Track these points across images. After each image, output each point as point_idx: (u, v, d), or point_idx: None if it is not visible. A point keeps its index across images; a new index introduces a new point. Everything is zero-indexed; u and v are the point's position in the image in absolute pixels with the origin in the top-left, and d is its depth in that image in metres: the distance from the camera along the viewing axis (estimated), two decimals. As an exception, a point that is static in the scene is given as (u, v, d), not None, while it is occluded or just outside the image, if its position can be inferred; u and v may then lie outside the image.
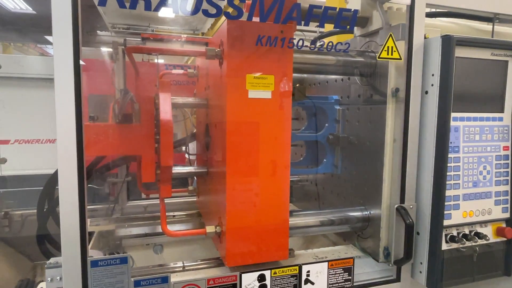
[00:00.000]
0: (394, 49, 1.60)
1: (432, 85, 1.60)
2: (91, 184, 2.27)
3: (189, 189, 2.30)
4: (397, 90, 1.65)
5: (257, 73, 1.49)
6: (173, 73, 2.39)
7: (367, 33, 1.87)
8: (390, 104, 1.67)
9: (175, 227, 2.32)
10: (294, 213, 1.78)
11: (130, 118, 1.67)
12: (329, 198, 2.18)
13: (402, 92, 1.64)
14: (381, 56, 1.59)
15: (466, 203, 1.68)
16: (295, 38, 1.52)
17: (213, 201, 1.83)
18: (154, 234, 2.27)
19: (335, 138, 2.01)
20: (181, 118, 2.61)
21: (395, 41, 1.59)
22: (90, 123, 1.71)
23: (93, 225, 2.22)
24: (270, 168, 1.55)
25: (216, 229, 1.62)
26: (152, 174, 1.72)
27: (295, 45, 1.52)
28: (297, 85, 1.83)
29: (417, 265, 1.70)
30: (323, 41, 2.24)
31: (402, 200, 1.66)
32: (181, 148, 2.41)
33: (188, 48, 2.04)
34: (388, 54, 1.60)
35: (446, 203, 1.61)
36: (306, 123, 2.15)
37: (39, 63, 3.84)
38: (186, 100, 1.98)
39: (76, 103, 1.23)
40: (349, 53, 1.84)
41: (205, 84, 1.95)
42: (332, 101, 2.04)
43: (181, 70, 2.41)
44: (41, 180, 2.10)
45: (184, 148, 2.37)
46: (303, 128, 2.14)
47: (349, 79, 2.00)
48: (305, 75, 2.32)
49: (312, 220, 1.80)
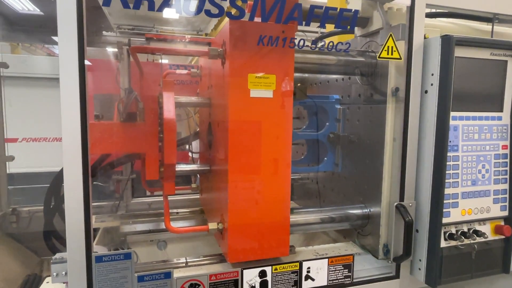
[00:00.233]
0: (394, 49, 1.61)
1: (431, 84, 1.61)
2: (96, 182, 2.31)
3: (192, 187, 2.32)
4: (397, 89, 1.66)
5: (259, 72, 1.50)
6: (177, 73, 2.42)
7: (367, 33, 1.88)
8: (390, 103, 1.68)
9: (178, 223, 2.35)
10: (295, 211, 1.79)
11: (135, 116, 1.69)
12: (330, 196, 2.20)
13: (402, 91, 1.65)
14: (381, 56, 1.60)
15: (465, 201, 1.68)
16: (296, 38, 1.54)
17: (215, 198, 1.85)
18: (158, 231, 2.30)
19: (335, 137, 2.03)
20: (184, 117, 2.65)
21: (395, 41, 1.60)
22: (95, 121, 1.73)
23: (99, 221, 2.25)
24: (272, 166, 1.57)
25: (218, 226, 1.64)
26: (155, 171, 1.74)
27: (296, 45, 1.54)
28: (298, 84, 1.84)
29: (416, 262, 1.72)
30: (324, 41, 2.26)
31: (402, 198, 1.68)
32: (184, 146, 2.44)
33: (192, 48, 2.07)
34: (388, 54, 1.61)
35: (445, 201, 1.62)
36: (307, 122, 2.16)
37: (46, 63, 3.89)
38: (189, 99, 2.00)
39: (81, 102, 1.25)
40: (349, 53, 1.85)
41: (208, 84, 1.97)
42: (333, 100, 2.05)
43: (185, 70, 2.43)
44: (48, 177, 2.14)
45: (188, 147, 2.40)
46: (304, 127, 2.16)
47: (349, 78, 2.01)
48: (306, 74, 2.34)
49: (313, 217, 1.81)
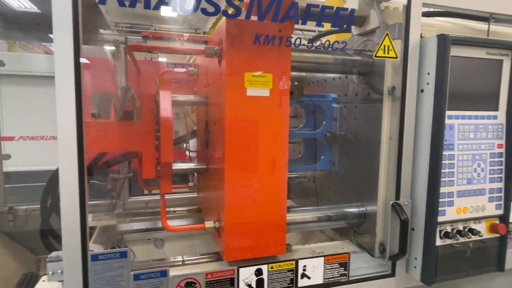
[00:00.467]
0: (391, 48, 1.61)
1: (427, 83, 1.62)
2: (93, 180, 2.30)
3: (190, 185, 2.32)
4: (393, 88, 1.66)
5: (256, 71, 1.50)
6: (174, 71, 2.42)
7: (364, 32, 1.88)
8: (387, 102, 1.68)
9: (175, 222, 2.35)
10: (291, 209, 1.80)
11: (131, 115, 1.69)
12: (327, 194, 2.20)
13: (398, 90, 1.65)
14: (377, 54, 1.60)
15: (460, 200, 1.69)
16: (293, 37, 1.54)
17: (212, 197, 1.86)
18: (155, 229, 2.30)
19: (332, 136, 2.03)
20: (182, 116, 2.64)
21: (392, 40, 1.60)
22: (91, 120, 1.73)
23: (96, 220, 2.25)
24: (268, 165, 1.57)
25: (215, 224, 1.64)
26: (152, 170, 1.74)
27: (293, 44, 1.54)
28: (295, 83, 1.85)
29: (411, 260, 1.72)
30: (320, 40, 2.26)
31: (398, 196, 1.68)
32: (182, 145, 2.44)
33: (189, 46, 2.06)
34: (384, 52, 1.61)
35: (441, 200, 1.63)
36: (305, 120, 2.17)
37: (43, 61, 3.88)
38: (186, 97, 1.99)
39: (76, 101, 1.25)
40: (346, 51, 1.86)
41: (205, 82, 1.97)
42: (330, 99, 2.06)
43: (182, 69, 2.43)
44: (44, 176, 2.13)
45: (185, 145, 2.40)
46: (301, 125, 2.16)
47: (346, 77, 2.01)
48: (304, 73, 2.35)
49: (309, 216, 1.82)
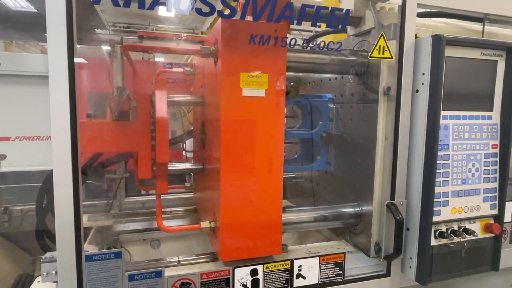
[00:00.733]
0: (386, 48, 1.62)
1: (422, 84, 1.62)
2: (89, 181, 2.30)
3: (186, 186, 2.32)
4: (388, 88, 1.67)
5: (251, 71, 1.50)
6: (171, 71, 2.41)
7: (360, 32, 1.89)
8: (382, 102, 1.69)
9: (172, 222, 2.35)
10: (287, 209, 1.80)
11: (127, 115, 1.68)
12: (323, 194, 2.20)
13: (394, 90, 1.66)
14: (372, 55, 1.61)
15: (455, 199, 1.70)
16: (288, 37, 1.54)
17: (208, 197, 1.86)
18: (151, 230, 2.30)
19: (328, 136, 2.03)
20: (179, 116, 2.64)
21: (387, 41, 1.61)
22: (85, 120, 1.72)
23: (91, 220, 2.25)
24: (264, 165, 1.57)
25: (210, 224, 1.64)
26: (148, 170, 1.74)
27: (288, 44, 1.54)
28: (291, 83, 1.85)
29: (407, 260, 1.73)
30: (315, 40, 2.27)
31: (393, 196, 1.69)
32: (179, 145, 2.43)
33: (185, 46, 2.06)
34: (379, 53, 1.61)
35: (436, 200, 1.63)
36: (301, 121, 2.17)
37: (38, 60, 3.86)
38: (182, 97, 1.99)
39: (70, 101, 1.25)
40: (342, 52, 1.86)
41: (201, 82, 1.97)
42: (326, 99, 2.06)
43: (179, 69, 2.42)
44: (40, 176, 2.12)
45: (182, 145, 2.40)
46: (298, 125, 2.16)
47: (342, 78, 2.01)
48: (300, 73, 2.35)
49: (305, 216, 1.82)
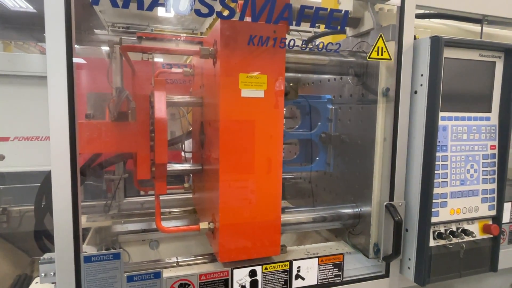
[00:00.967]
0: (384, 49, 1.62)
1: (421, 85, 1.62)
2: (88, 181, 2.30)
3: (185, 186, 2.32)
4: (387, 89, 1.67)
5: (250, 72, 1.50)
6: (170, 72, 2.41)
7: (359, 33, 1.89)
8: (381, 103, 1.69)
9: (171, 223, 2.35)
10: (286, 210, 1.80)
11: (126, 116, 1.68)
12: (322, 195, 2.21)
13: (392, 91, 1.66)
14: (371, 56, 1.61)
15: (454, 200, 1.70)
16: (287, 38, 1.54)
17: (207, 198, 1.85)
18: (150, 230, 2.30)
19: (327, 137, 2.03)
20: (179, 116, 2.64)
21: (385, 42, 1.61)
22: (84, 121, 1.72)
23: (90, 221, 2.25)
24: (263, 166, 1.57)
25: (209, 225, 1.64)
26: (147, 171, 1.73)
27: (287, 45, 1.54)
28: (290, 84, 1.85)
29: (405, 261, 1.73)
30: (314, 41, 2.27)
31: (391, 197, 1.69)
32: (178, 145, 2.43)
33: (184, 47, 2.06)
34: (378, 54, 1.62)
35: (434, 201, 1.64)
36: (300, 121, 2.17)
37: (37, 61, 3.86)
38: (181, 98, 1.99)
39: (69, 101, 1.24)
40: (341, 53, 1.86)
41: (200, 83, 1.97)
42: (325, 100, 2.06)
43: (179, 69, 2.42)
44: (39, 176, 2.12)
45: (181, 146, 2.39)
46: (297, 126, 2.16)
47: (341, 79, 2.02)
48: (299, 74, 2.35)
49: (304, 217, 1.82)
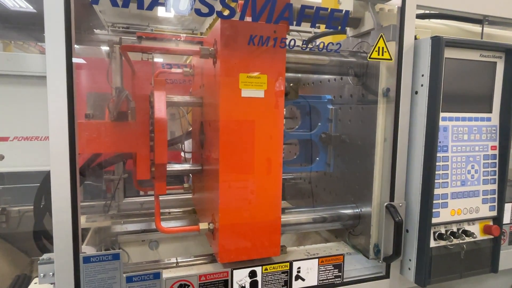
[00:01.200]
0: (385, 49, 1.61)
1: (421, 85, 1.62)
2: (88, 181, 2.29)
3: (185, 187, 2.31)
4: (388, 90, 1.67)
5: (250, 72, 1.50)
6: (169, 72, 2.40)
7: (359, 33, 1.88)
8: (381, 104, 1.68)
9: (170, 223, 2.35)
10: (286, 211, 1.80)
11: (125, 116, 1.68)
12: (322, 195, 2.20)
13: (393, 92, 1.65)
14: (371, 56, 1.61)
15: (454, 201, 1.69)
16: (287, 38, 1.54)
17: (207, 198, 1.85)
18: (150, 231, 2.30)
19: (327, 137, 2.03)
20: (179, 116, 2.64)
21: (386, 42, 1.60)
22: (83, 121, 1.71)
23: (89, 221, 2.24)
24: (263, 166, 1.56)
25: (209, 226, 1.63)
26: (146, 171, 1.73)
27: (287, 45, 1.54)
28: (290, 84, 1.84)
29: (406, 262, 1.72)
30: (314, 42, 2.27)
31: (392, 198, 1.68)
32: (178, 145, 2.43)
33: (184, 47, 2.05)
34: (379, 54, 1.61)
35: (435, 201, 1.63)
36: (300, 122, 2.17)
37: (36, 60, 3.86)
38: (181, 98, 1.98)
39: (68, 101, 1.24)
40: (341, 53, 1.86)
41: (200, 83, 1.97)
42: (325, 100, 2.06)
43: (179, 69, 2.41)
44: (38, 176, 2.12)
45: (180, 146, 2.39)
46: (297, 127, 2.16)
47: (341, 79, 2.01)
48: (299, 74, 2.35)
49: (304, 217, 1.82)
